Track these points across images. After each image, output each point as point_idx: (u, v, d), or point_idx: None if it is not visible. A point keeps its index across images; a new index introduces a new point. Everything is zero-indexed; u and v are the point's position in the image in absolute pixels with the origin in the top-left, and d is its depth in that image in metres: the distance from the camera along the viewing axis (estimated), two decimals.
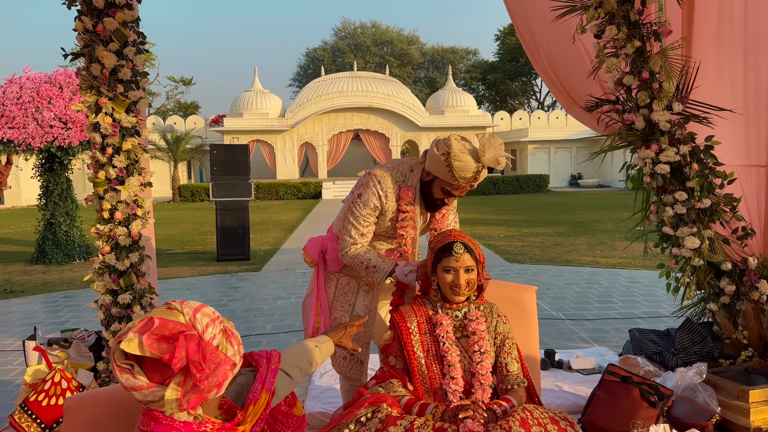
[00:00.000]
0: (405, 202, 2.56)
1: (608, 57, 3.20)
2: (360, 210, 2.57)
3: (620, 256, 9.09)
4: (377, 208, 2.56)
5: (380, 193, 2.55)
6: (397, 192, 2.58)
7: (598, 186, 31.30)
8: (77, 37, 3.07)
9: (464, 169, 2.33)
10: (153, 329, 1.23)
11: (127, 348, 1.21)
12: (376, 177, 2.58)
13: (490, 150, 2.31)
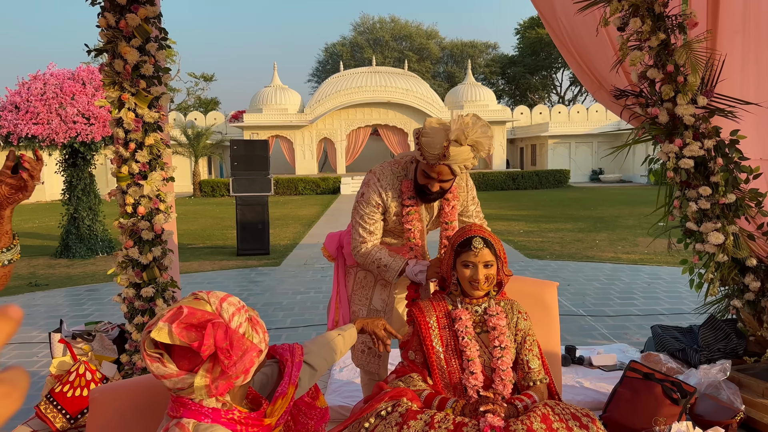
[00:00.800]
0: (407, 196, 2.55)
1: (632, 50, 3.16)
2: (363, 209, 2.58)
3: (642, 252, 8.99)
4: (380, 205, 2.56)
5: (380, 190, 2.56)
6: (398, 186, 2.57)
7: (620, 181, 30.95)
8: (100, 33, 3.11)
9: (430, 144, 2.29)
10: (182, 318, 1.26)
11: (157, 336, 1.24)
12: (375, 174, 2.59)
13: (457, 126, 2.26)
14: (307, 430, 1.70)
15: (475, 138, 2.27)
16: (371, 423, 1.99)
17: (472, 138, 2.27)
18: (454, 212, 2.62)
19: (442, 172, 2.38)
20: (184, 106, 38.21)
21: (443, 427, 1.89)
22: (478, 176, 26.52)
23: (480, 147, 2.30)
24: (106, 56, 3.16)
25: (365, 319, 1.98)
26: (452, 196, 2.60)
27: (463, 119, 2.28)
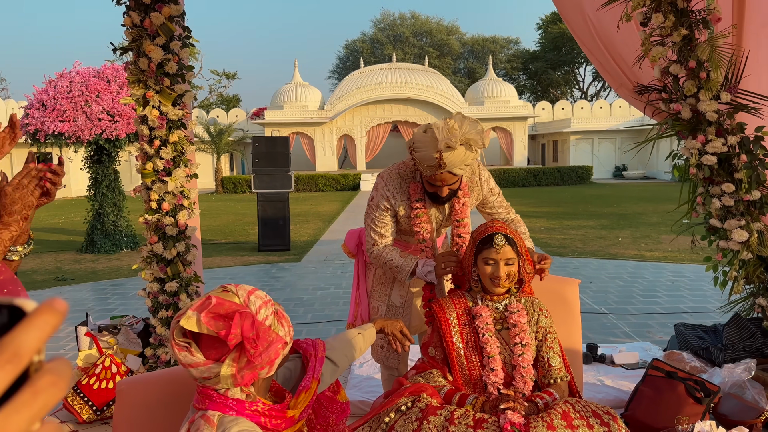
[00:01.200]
0: (415, 198, 2.56)
1: (654, 45, 3.13)
2: (373, 212, 2.60)
3: (666, 249, 8.88)
4: (389, 209, 2.58)
5: (387, 194, 2.57)
6: (406, 189, 2.58)
7: (644, 178, 30.54)
8: (125, 32, 3.16)
9: (424, 158, 2.32)
10: (210, 307, 1.29)
11: (186, 324, 1.28)
12: (383, 179, 2.61)
13: (443, 134, 2.25)
14: (329, 423, 1.72)
15: (466, 136, 2.27)
16: (391, 418, 2.00)
17: (462, 138, 2.27)
18: (465, 209, 2.60)
19: (444, 178, 2.39)
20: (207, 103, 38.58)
21: (463, 423, 1.90)
22: (498, 173, 26.37)
23: (473, 143, 2.29)
24: (131, 54, 3.21)
25: (384, 320, 1.99)
26: (462, 194, 2.58)
27: (448, 123, 2.28)
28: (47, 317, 0.34)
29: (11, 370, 0.33)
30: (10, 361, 0.32)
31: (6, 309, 0.34)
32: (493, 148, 34.53)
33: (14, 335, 0.33)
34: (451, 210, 2.62)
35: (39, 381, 0.33)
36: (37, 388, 0.33)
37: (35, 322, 0.34)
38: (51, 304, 0.34)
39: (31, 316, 0.34)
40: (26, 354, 0.33)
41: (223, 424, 1.32)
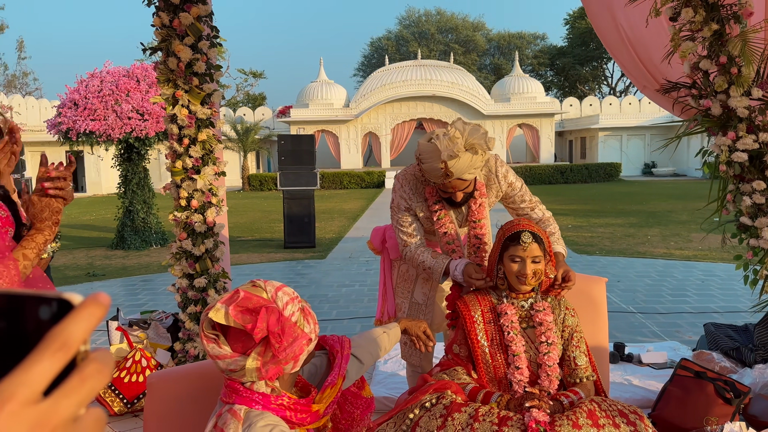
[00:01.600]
0: (432, 201, 2.55)
1: (684, 41, 3.07)
2: (396, 214, 2.62)
3: (696, 248, 8.72)
4: (408, 209, 2.58)
5: (404, 196, 2.58)
6: (422, 191, 2.58)
7: (674, 175, 30.00)
8: (155, 32, 3.22)
9: (431, 169, 2.33)
10: (238, 301, 1.33)
11: (214, 317, 1.32)
12: (399, 181, 2.63)
13: (444, 144, 2.25)
14: (353, 418, 1.74)
15: (469, 142, 2.27)
16: (416, 414, 2.01)
17: (465, 144, 2.26)
18: (482, 210, 2.57)
19: (455, 185, 2.39)
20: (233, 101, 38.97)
21: (488, 420, 1.90)
22: (524, 170, 26.15)
23: (478, 147, 2.28)
24: (160, 54, 3.27)
25: (409, 320, 2.00)
26: (479, 194, 2.56)
27: (448, 133, 2.28)
28: (93, 310, 0.36)
29: (61, 358, 0.35)
30: (60, 349, 0.35)
31: (55, 302, 0.37)
32: (520, 145, 34.25)
33: (63, 326, 0.36)
34: (467, 211, 2.60)
35: (86, 369, 0.36)
36: (84, 375, 0.36)
37: (82, 314, 0.36)
38: (96, 297, 0.37)
39: (78, 309, 0.36)
40: (74, 344, 0.35)
41: (249, 418, 1.35)
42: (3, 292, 0.37)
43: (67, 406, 0.35)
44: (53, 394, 0.35)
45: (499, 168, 2.60)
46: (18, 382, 0.34)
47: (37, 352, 0.35)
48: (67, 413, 0.35)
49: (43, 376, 0.34)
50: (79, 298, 0.37)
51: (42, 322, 0.36)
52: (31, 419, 0.34)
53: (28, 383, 0.34)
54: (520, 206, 2.65)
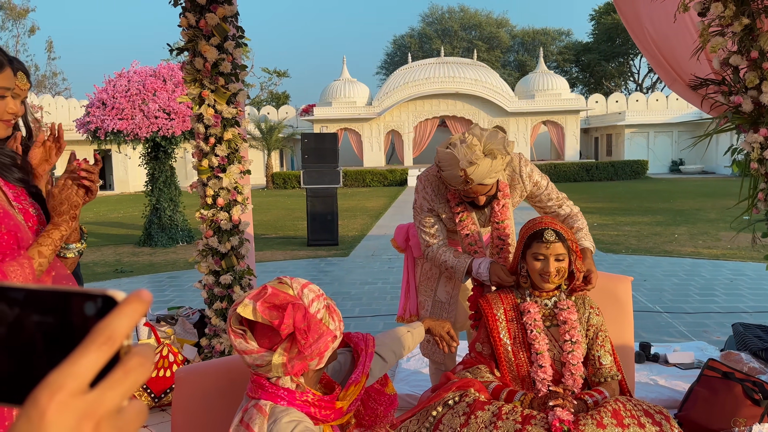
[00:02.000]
0: (455, 203, 2.55)
1: (713, 36, 3.02)
2: (419, 215, 2.63)
3: (724, 246, 8.56)
4: (431, 210, 2.58)
5: (427, 198, 2.59)
6: (444, 193, 2.58)
7: (702, 172, 29.45)
8: (182, 33, 3.26)
9: (451, 177, 2.33)
10: (266, 297, 1.36)
11: (242, 312, 1.34)
12: (422, 182, 2.63)
13: (462, 153, 2.24)
14: (377, 415, 1.75)
15: (488, 148, 2.26)
16: (439, 411, 2.02)
17: (484, 150, 2.26)
18: (504, 211, 2.55)
19: (476, 190, 2.38)
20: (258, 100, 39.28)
21: (511, 419, 1.90)
22: (549, 167, 25.91)
23: (497, 152, 2.27)
24: (186, 54, 3.31)
25: (433, 320, 2.01)
26: (502, 195, 2.54)
27: (465, 140, 2.27)
28: (136, 306, 0.38)
29: (106, 351, 0.37)
30: (105, 343, 0.37)
31: (100, 298, 0.39)
32: (544, 142, 33.93)
33: (108, 321, 0.38)
34: (490, 212, 2.59)
35: (129, 362, 0.38)
36: (127, 368, 0.38)
37: (126, 310, 0.38)
38: (139, 294, 0.39)
39: (122, 305, 0.38)
40: (119, 338, 0.38)
41: (274, 413, 1.37)
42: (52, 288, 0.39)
43: (112, 398, 0.37)
44: (99, 385, 0.37)
45: (523, 167, 2.58)
46: (66, 373, 0.36)
47: (84, 345, 0.37)
48: (112, 404, 0.37)
49: (89, 369, 0.36)
50: (122, 294, 0.39)
51: (88, 317, 0.39)
52: (78, 409, 0.35)
53: (76, 375, 0.36)
54: (548, 204, 2.63)
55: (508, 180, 2.58)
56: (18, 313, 0.39)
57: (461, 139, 2.31)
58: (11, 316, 0.39)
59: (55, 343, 0.38)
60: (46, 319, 0.39)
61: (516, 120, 30.84)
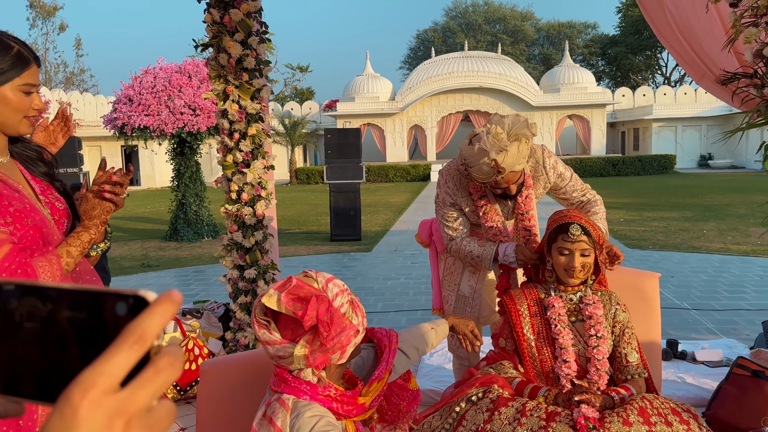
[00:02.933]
0: (477, 196, 2.53)
1: (746, 27, 2.95)
2: (441, 209, 2.62)
3: (755, 243, 8.38)
4: (454, 204, 2.57)
5: (449, 192, 2.57)
6: (466, 186, 2.56)
7: (731, 167, 28.83)
8: (206, 29, 3.29)
9: (480, 171, 2.29)
10: (290, 288, 1.37)
11: (267, 302, 1.36)
12: (443, 176, 2.62)
13: (490, 141, 2.20)
14: (400, 410, 1.75)
15: (513, 132, 2.23)
16: (462, 407, 2.01)
17: (511, 136, 2.23)
18: (528, 202, 2.53)
19: (508, 179, 2.35)
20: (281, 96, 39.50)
21: (535, 415, 1.89)
22: (575, 162, 25.60)
23: (523, 135, 2.25)
24: (211, 50, 3.34)
25: (457, 318, 2.00)
26: (526, 185, 2.52)
27: (490, 130, 2.24)
28: (167, 306, 0.39)
29: (138, 351, 0.38)
30: (136, 342, 0.38)
31: (132, 298, 0.39)
32: (570, 136, 33.53)
33: (140, 321, 0.38)
34: (514, 204, 2.57)
35: (159, 362, 0.38)
36: (158, 367, 0.38)
37: (157, 310, 0.39)
38: (170, 295, 0.39)
39: (153, 305, 0.39)
40: (150, 337, 0.38)
41: (297, 408, 1.38)
42: (85, 288, 0.40)
43: (142, 396, 0.37)
44: (130, 384, 0.37)
45: (546, 159, 2.57)
46: (99, 371, 0.36)
47: (116, 344, 0.37)
48: (143, 403, 0.37)
49: (121, 368, 0.37)
50: (154, 295, 0.40)
51: (119, 316, 0.39)
52: (110, 407, 0.36)
53: (108, 373, 0.36)
54: (572, 195, 2.62)
55: (531, 171, 2.57)
56: (51, 309, 0.39)
57: (486, 129, 2.29)
58: (44, 312, 0.39)
59: (87, 342, 0.39)
60: (79, 316, 0.39)
61: (541, 114, 30.51)
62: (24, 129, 1.52)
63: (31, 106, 1.50)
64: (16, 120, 1.49)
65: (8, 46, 1.44)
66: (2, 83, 1.44)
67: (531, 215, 2.53)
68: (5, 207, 1.41)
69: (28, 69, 1.47)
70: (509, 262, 2.44)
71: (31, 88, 1.49)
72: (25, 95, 1.47)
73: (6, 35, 1.46)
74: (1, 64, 1.42)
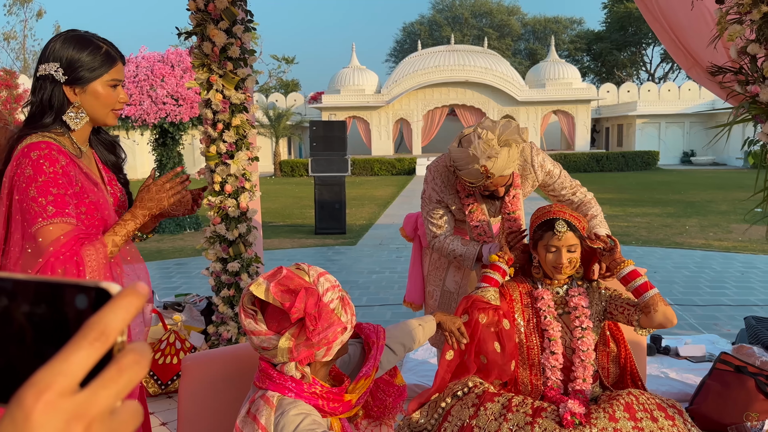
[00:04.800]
0: (465, 194, 2.51)
1: (731, 24, 2.95)
2: (427, 206, 2.59)
3: (736, 239, 8.48)
4: (440, 201, 2.55)
5: (436, 189, 2.55)
6: (454, 183, 2.54)
7: (713, 164, 29.19)
8: (190, 17, 3.22)
9: (470, 174, 2.26)
10: (280, 278, 1.35)
11: (255, 291, 1.33)
12: (431, 173, 2.59)
13: (481, 148, 2.18)
14: (386, 406, 1.73)
15: (504, 138, 2.21)
16: (448, 403, 2.00)
17: (501, 141, 2.21)
18: (515, 202, 2.51)
19: (497, 182, 2.33)
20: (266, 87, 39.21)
21: (521, 411, 1.88)
22: (559, 158, 25.72)
23: (513, 141, 2.23)
24: (194, 39, 3.27)
25: (444, 315, 1.98)
26: (513, 185, 2.49)
27: (480, 135, 2.22)
28: (131, 299, 0.35)
29: (99, 348, 0.34)
30: (97, 339, 0.34)
31: (93, 290, 0.36)
32: (554, 132, 33.71)
33: (101, 316, 0.35)
34: (501, 203, 2.55)
35: (123, 359, 0.35)
36: (121, 365, 0.35)
37: (120, 303, 0.35)
38: (134, 287, 0.36)
39: (116, 299, 0.35)
40: (112, 333, 0.34)
41: (282, 405, 1.35)
42: (42, 279, 0.36)
43: (104, 398, 0.34)
44: (90, 384, 0.34)
45: (535, 157, 2.54)
46: (55, 371, 0.33)
47: (75, 341, 0.34)
48: (104, 405, 0.34)
49: (80, 366, 0.33)
50: (117, 287, 0.36)
51: (81, 310, 0.36)
52: (67, 410, 0.33)
53: (65, 373, 0.33)
54: (561, 193, 2.60)
55: (520, 170, 2.54)
56: (6, 304, 0.36)
57: (477, 134, 2.25)
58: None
59: (46, 338, 0.35)
60: (37, 310, 0.36)
61: (526, 109, 30.62)
62: (111, 120, 1.71)
63: (117, 99, 1.69)
64: (105, 112, 1.68)
65: (98, 47, 1.65)
66: (94, 79, 1.64)
67: (518, 215, 2.51)
68: (83, 198, 1.60)
69: (115, 66, 1.67)
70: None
71: (117, 82, 1.69)
72: (112, 89, 1.67)
73: (95, 37, 1.68)
74: (93, 62, 1.63)
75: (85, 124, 1.68)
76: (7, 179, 1.57)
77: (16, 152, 1.58)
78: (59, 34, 1.66)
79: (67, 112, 1.63)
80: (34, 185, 1.52)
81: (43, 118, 1.63)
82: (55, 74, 1.60)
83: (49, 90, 1.62)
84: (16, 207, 1.55)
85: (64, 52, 1.61)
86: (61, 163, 1.56)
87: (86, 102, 1.65)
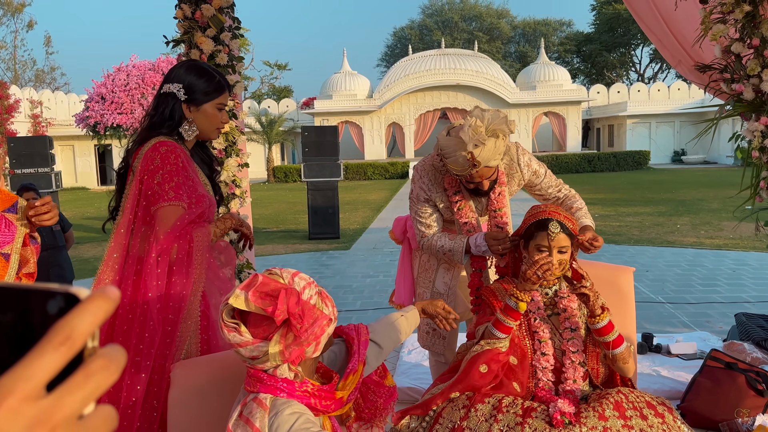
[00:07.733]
0: (452, 191, 2.52)
1: (715, 23, 2.98)
2: (415, 205, 2.60)
3: (727, 236, 8.53)
4: (428, 199, 2.56)
5: (423, 187, 2.56)
6: (441, 181, 2.55)
7: (704, 163, 29.35)
8: (178, 25, 3.23)
9: (456, 162, 2.28)
10: (257, 286, 1.35)
11: (234, 303, 1.33)
12: (418, 172, 2.61)
13: (469, 134, 2.20)
14: (377, 407, 1.74)
15: (492, 128, 2.23)
16: (439, 405, 2.00)
17: (489, 131, 2.22)
18: (501, 199, 2.53)
19: (482, 173, 2.34)
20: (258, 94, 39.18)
21: (512, 411, 1.88)
22: (551, 159, 25.83)
23: (500, 131, 2.24)
24: (183, 47, 3.28)
25: (424, 302, 1.97)
26: (499, 182, 2.52)
27: (470, 122, 2.24)
28: (100, 303, 0.35)
29: (65, 353, 0.34)
30: (63, 343, 0.34)
31: (61, 296, 0.36)
32: (546, 133, 33.82)
33: (68, 320, 0.34)
34: (488, 200, 2.57)
35: (92, 364, 0.35)
36: (89, 371, 0.34)
37: (89, 307, 0.35)
38: (104, 291, 0.36)
39: (84, 302, 0.35)
40: (79, 337, 0.34)
41: (275, 406, 1.35)
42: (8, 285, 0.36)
43: (70, 403, 0.34)
44: (56, 390, 0.34)
45: (521, 156, 2.57)
46: (18, 376, 0.33)
47: (40, 346, 0.34)
48: (70, 410, 0.34)
49: (44, 371, 0.33)
50: (86, 291, 0.36)
51: (49, 316, 0.35)
52: (30, 415, 0.32)
53: (29, 378, 0.33)
54: (548, 192, 2.63)
55: (506, 169, 2.56)
56: None
57: (466, 122, 2.27)
58: None
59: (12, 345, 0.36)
60: (3, 318, 0.36)
61: (517, 111, 30.71)
62: (214, 136, 2.09)
63: (221, 120, 2.06)
64: (211, 129, 2.05)
65: (213, 76, 2.01)
66: (207, 101, 1.99)
67: (504, 212, 2.53)
68: (194, 189, 1.93)
69: (224, 93, 2.04)
70: (482, 251, 2.44)
71: (223, 106, 2.05)
72: (218, 111, 2.03)
73: (211, 67, 2.06)
74: (209, 87, 1.98)
75: (194, 137, 2.03)
76: (136, 172, 1.90)
77: (145, 148, 1.90)
78: (183, 62, 2.06)
79: (182, 125, 1.99)
80: (161, 173, 1.85)
81: (162, 126, 1.96)
82: (178, 93, 1.95)
83: (170, 105, 1.96)
84: (144, 192, 1.88)
85: (186, 77, 1.97)
86: (182, 159, 1.91)
87: (198, 119, 2.00)
